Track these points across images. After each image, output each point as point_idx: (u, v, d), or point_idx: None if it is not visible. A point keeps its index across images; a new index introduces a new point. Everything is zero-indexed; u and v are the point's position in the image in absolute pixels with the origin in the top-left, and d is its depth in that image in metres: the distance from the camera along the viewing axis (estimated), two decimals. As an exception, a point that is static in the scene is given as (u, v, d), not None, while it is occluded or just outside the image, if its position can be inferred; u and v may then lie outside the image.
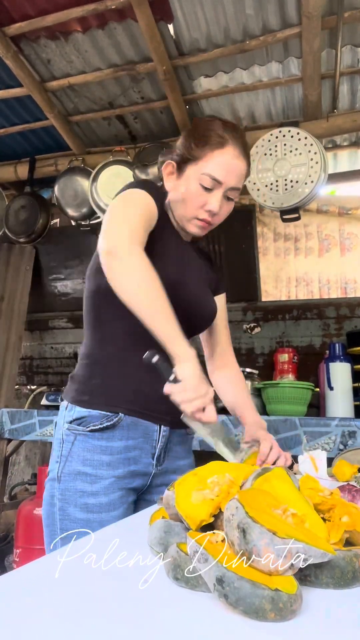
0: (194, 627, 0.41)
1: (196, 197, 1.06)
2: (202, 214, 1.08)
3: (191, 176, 1.07)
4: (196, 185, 1.06)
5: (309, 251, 3.67)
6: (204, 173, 1.05)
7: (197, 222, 1.09)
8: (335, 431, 1.75)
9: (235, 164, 1.07)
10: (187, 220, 1.10)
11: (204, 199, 1.06)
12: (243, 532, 0.46)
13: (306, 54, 2.06)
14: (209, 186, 1.05)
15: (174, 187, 1.11)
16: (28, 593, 0.47)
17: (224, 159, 1.05)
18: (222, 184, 1.06)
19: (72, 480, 0.98)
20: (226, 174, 1.06)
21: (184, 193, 1.08)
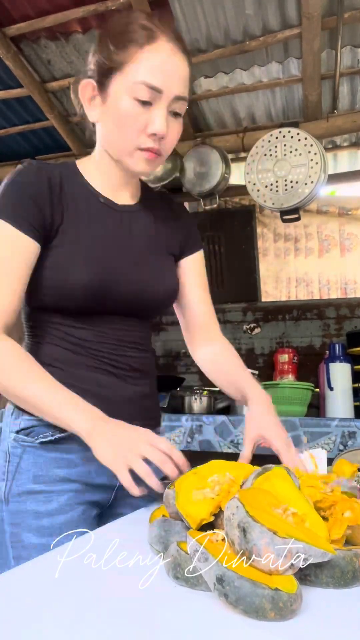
0: (194, 626, 0.41)
1: (132, 118, 0.79)
2: (145, 140, 0.81)
3: (119, 91, 0.79)
4: (129, 100, 0.79)
5: (309, 252, 3.67)
6: (137, 81, 0.78)
7: (142, 153, 0.82)
8: (335, 431, 1.75)
9: (174, 62, 0.79)
10: (128, 154, 0.83)
11: (144, 118, 0.80)
12: (243, 532, 0.46)
13: (306, 55, 2.06)
14: (146, 98, 0.78)
15: (101, 113, 0.84)
16: (28, 593, 0.47)
17: (158, 57, 0.78)
18: (163, 93, 0.79)
19: (23, 502, 0.82)
20: (165, 77, 0.78)
21: (116, 117, 0.81)
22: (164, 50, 0.79)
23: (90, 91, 0.84)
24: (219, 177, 2.44)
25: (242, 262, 2.78)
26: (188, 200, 3.01)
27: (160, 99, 0.80)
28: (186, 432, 1.89)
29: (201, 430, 1.90)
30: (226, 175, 2.48)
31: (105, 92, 0.82)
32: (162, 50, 0.79)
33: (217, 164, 2.44)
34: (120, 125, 0.81)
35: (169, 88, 0.79)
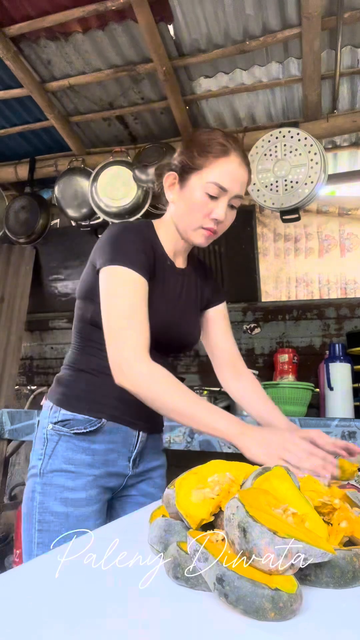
0: (193, 626, 0.41)
1: (202, 205, 1.07)
2: (208, 222, 1.08)
3: (196, 185, 1.07)
4: (202, 193, 1.06)
5: (309, 252, 3.67)
6: (210, 181, 1.05)
7: (203, 231, 1.10)
8: (335, 431, 1.75)
9: (239, 171, 1.08)
10: (193, 230, 1.10)
11: (210, 207, 1.07)
12: (243, 532, 0.46)
13: (306, 55, 2.07)
14: (215, 194, 1.06)
15: (178, 198, 1.11)
16: (28, 593, 0.47)
17: (228, 167, 1.06)
18: (228, 192, 1.06)
19: (54, 476, 1.04)
20: (231, 181, 1.06)
21: (190, 203, 1.08)
22: (233, 162, 1.07)
23: (172, 180, 1.12)
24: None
25: (242, 262, 2.78)
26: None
27: (225, 195, 1.07)
28: (186, 432, 1.89)
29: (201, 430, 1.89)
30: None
31: (184, 183, 1.09)
32: (232, 162, 1.07)
33: (217, 164, 2.44)
34: (192, 209, 1.08)
35: (232, 189, 1.07)
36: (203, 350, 2.69)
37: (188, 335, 1.20)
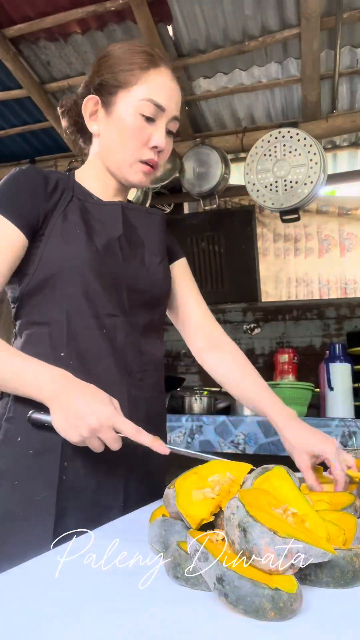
0: (193, 626, 0.41)
1: (138, 131, 0.87)
2: (147, 153, 0.89)
3: (125, 107, 0.87)
4: (135, 115, 0.87)
5: (309, 252, 3.67)
6: (144, 98, 0.86)
7: (141, 166, 0.89)
8: (335, 431, 1.75)
9: (173, 86, 0.90)
10: (129, 165, 0.90)
11: (148, 132, 0.88)
12: (244, 531, 0.46)
13: (305, 55, 2.07)
14: (151, 114, 0.87)
15: (105, 127, 0.90)
16: (28, 593, 0.47)
17: (162, 80, 0.88)
18: (165, 111, 0.88)
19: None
20: (167, 97, 0.88)
21: (121, 129, 0.88)
22: (166, 74, 0.89)
23: (93, 106, 0.91)
24: (218, 178, 2.44)
25: (242, 262, 2.78)
26: (188, 201, 3.02)
27: (162, 116, 0.89)
28: (186, 432, 1.89)
29: (201, 431, 1.90)
30: (226, 175, 2.49)
31: (110, 108, 0.89)
32: (165, 74, 0.89)
33: (217, 164, 2.44)
34: (125, 137, 0.88)
35: (169, 107, 0.89)
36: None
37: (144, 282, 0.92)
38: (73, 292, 0.84)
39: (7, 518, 0.78)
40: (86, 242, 0.85)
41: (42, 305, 0.86)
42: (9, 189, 0.86)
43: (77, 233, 0.85)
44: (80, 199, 0.90)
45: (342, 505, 0.68)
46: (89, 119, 0.92)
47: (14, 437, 0.81)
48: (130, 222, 0.94)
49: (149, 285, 0.93)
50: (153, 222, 0.98)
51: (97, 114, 0.91)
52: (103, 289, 0.86)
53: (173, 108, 0.90)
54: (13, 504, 0.79)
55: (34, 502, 0.78)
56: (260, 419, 1.91)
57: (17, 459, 0.80)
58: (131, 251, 0.92)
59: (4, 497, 0.79)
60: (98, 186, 0.95)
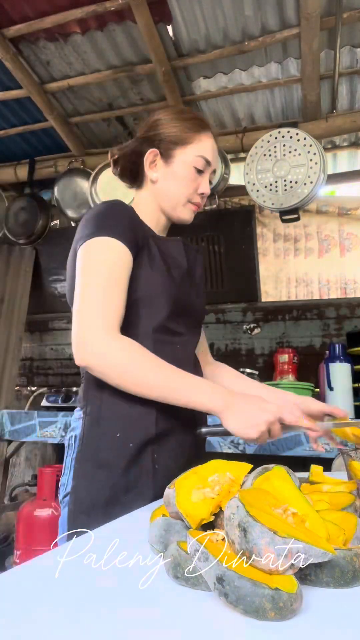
0: (193, 625, 0.41)
1: (192, 180, 1.07)
2: (196, 197, 1.09)
3: (183, 160, 1.06)
4: (190, 168, 1.06)
5: (309, 252, 3.67)
6: (198, 155, 1.06)
7: (191, 206, 1.10)
8: (335, 431, 1.75)
9: (216, 147, 1.11)
10: (182, 205, 1.09)
11: (197, 182, 1.08)
12: (244, 531, 0.46)
13: (305, 55, 2.07)
14: (202, 168, 1.07)
15: (163, 175, 1.08)
16: (28, 593, 0.47)
17: (210, 141, 1.09)
18: (211, 166, 1.09)
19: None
20: (213, 155, 1.09)
21: (178, 178, 1.07)
22: (212, 137, 1.10)
23: (153, 157, 1.08)
24: (218, 178, 2.45)
25: (242, 262, 2.78)
26: (187, 201, 3.01)
27: (208, 169, 1.09)
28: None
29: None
30: (225, 175, 2.49)
31: (169, 159, 1.07)
32: (211, 137, 1.10)
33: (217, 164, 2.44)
34: (181, 185, 1.07)
35: (214, 163, 1.10)
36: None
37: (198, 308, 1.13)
38: (157, 313, 0.99)
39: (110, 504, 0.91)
40: (167, 272, 1.01)
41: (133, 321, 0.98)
42: (112, 215, 0.99)
43: (160, 264, 1.01)
44: (151, 235, 1.06)
45: (342, 505, 0.68)
46: (149, 168, 1.09)
47: (114, 433, 0.94)
48: (188, 256, 1.11)
49: (200, 310, 1.14)
50: (199, 258, 1.18)
51: (156, 164, 1.08)
52: (177, 312, 1.02)
53: (215, 164, 1.11)
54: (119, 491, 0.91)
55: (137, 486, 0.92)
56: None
57: (119, 451, 0.93)
58: (191, 282, 1.10)
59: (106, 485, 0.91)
60: (151, 222, 1.10)
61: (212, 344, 2.69)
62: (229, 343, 2.66)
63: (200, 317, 1.16)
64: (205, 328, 1.26)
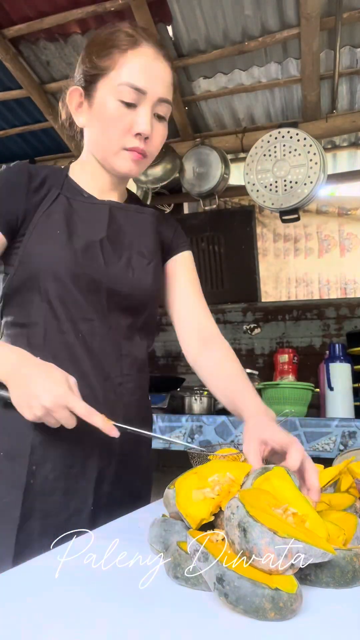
0: (193, 626, 0.41)
1: (117, 119, 0.82)
2: (131, 140, 0.83)
3: (105, 95, 0.83)
4: (114, 102, 0.82)
5: (309, 252, 3.67)
6: (121, 83, 0.81)
7: (127, 153, 0.84)
8: (335, 432, 1.75)
9: (157, 66, 0.84)
10: (114, 154, 0.85)
11: (129, 119, 0.82)
12: (244, 531, 0.46)
13: (305, 55, 2.07)
14: (130, 100, 0.81)
15: (89, 118, 0.87)
16: (28, 593, 0.47)
17: (141, 60, 0.82)
18: (147, 94, 0.82)
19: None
20: (148, 78, 0.82)
21: (102, 120, 0.83)
22: (146, 54, 0.83)
23: (77, 98, 0.87)
24: (218, 178, 2.44)
25: (242, 262, 2.78)
26: (187, 201, 3.02)
27: (144, 100, 0.82)
28: (186, 432, 1.89)
29: (201, 431, 1.90)
30: (225, 175, 2.49)
31: (92, 97, 0.85)
32: (145, 54, 0.83)
33: (217, 165, 2.44)
34: (106, 126, 0.84)
35: (152, 89, 0.82)
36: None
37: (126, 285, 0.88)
38: (50, 294, 0.82)
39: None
40: (65, 243, 0.82)
41: (22, 306, 0.84)
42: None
43: (56, 234, 0.83)
44: (67, 196, 0.87)
45: (342, 507, 0.68)
46: (75, 112, 0.88)
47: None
48: (118, 222, 0.90)
49: (131, 289, 0.89)
50: (143, 221, 0.95)
51: (82, 106, 0.87)
52: (80, 292, 0.83)
53: (158, 90, 0.83)
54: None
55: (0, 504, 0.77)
56: (260, 419, 1.91)
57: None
58: (115, 254, 0.88)
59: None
60: (92, 182, 0.91)
61: (212, 344, 2.68)
62: (229, 343, 2.66)
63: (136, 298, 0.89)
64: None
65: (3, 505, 0.77)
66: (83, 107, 0.87)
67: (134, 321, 0.91)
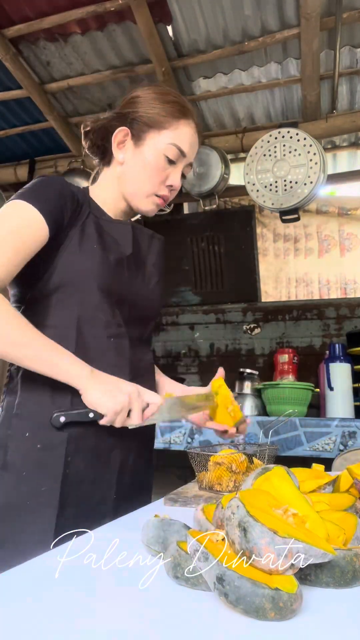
0: (194, 626, 0.41)
1: (160, 170, 0.96)
2: (163, 189, 0.98)
3: (154, 145, 0.96)
4: (160, 156, 0.96)
5: (309, 252, 3.67)
6: (171, 143, 0.96)
7: (156, 199, 0.99)
8: (335, 432, 1.75)
9: (196, 138, 1.00)
10: (145, 196, 0.98)
11: (166, 172, 0.97)
12: (244, 531, 0.46)
13: (305, 55, 2.07)
14: (173, 158, 0.96)
15: (131, 158, 0.98)
16: (28, 593, 0.47)
17: (188, 130, 0.98)
18: (186, 158, 0.99)
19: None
20: (190, 146, 0.98)
21: (145, 165, 0.96)
22: (192, 126, 0.99)
23: (122, 136, 0.98)
24: (218, 178, 2.44)
25: (242, 262, 2.78)
26: (188, 201, 3.02)
27: (182, 161, 0.99)
28: (186, 432, 1.89)
29: (201, 431, 1.90)
30: (225, 175, 2.49)
31: (140, 142, 0.97)
32: (191, 126, 0.99)
33: (217, 165, 2.44)
34: (147, 172, 0.97)
35: (189, 155, 0.99)
36: (203, 351, 2.67)
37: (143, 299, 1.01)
38: (85, 300, 0.90)
39: (12, 509, 0.83)
40: (101, 257, 0.91)
41: (50, 310, 0.90)
42: (41, 186, 0.89)
43: (93, 248, 0.91)
44: (95, 215, 0.96)
45: (342, 507, 0.68)
46: (117, 147, 0.98)
47: (23, 432, 0.86)
48: (138, 241, 1.02)
49: (147, 302, 1.01)
50: (155, 244, 1.07)
51: (124, 144, 0.98)
52: (111, 301, 0.93)
53: (192, 156, 1.00)
54: (19, 495, 0.84)
55: (40, 493, 0.84)
56: (260, 419, 1.91)
57: (25, 453, 0.85)
58: (135, 269, 0.99)
59: (10, 489, 0.84)
60: (110, 205, 1.01)
61: (212, 344, 2.69)
62: (229, 343, 2.66)
63: (149, 311, 1.03)
64: (205, 328, 1.23)
65: (43, 493, 0.84)
66: (126, 146, 0.98)
67: (145, 331, 1.03)
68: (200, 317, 2.74)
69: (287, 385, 2.11)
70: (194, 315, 2.75)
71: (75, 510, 0.85)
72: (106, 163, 1.03)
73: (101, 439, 0.89)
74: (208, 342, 2.69)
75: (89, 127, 1.02)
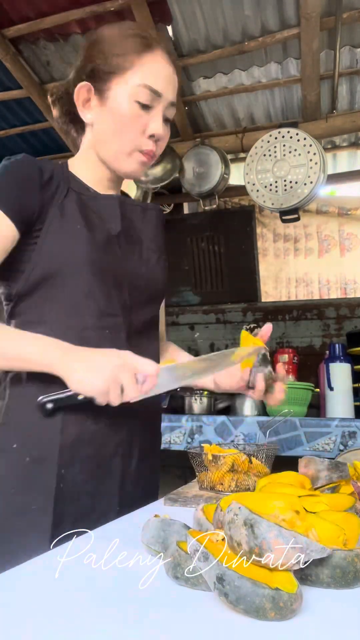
0: (194, 626, 0.41)
1: (133, 119, 0.82)
2: (145, 142, 0.84)
3: (120, 94, 0.82)
4: (130, 103, 0.82)
5: (309, 252, 3.67)
6: (139, 84, 0.81)
7: (139, 155, 0.85)
8: (335, 432, 1.75)
9: (170, 70, 0.85)
10: (127, 154, 0.85)
11: (143, 121, 0.83)
12: (251, 528, 0.46)
13: (305, 55, 2.07)
14: (147, 101, 0.82)
15: (98, 116, 0.85)
16: (28, 593, 0.47)
17: (158, 64, 0.83)
18: (162, 97, 0.84)
19: None
20: (164, 83, 0.84)
21: (117, 118, 0.83)
22: (161, 58, 0.84)
23: (85, 93, 0.85)
24: (218, 178, 2.44)
25: (242, 262, 2.78)
26: (187, 201, 3.01)
27: (159, 103, 0.84)
28: (186, 432, 1.89)
29: (201, 431, 1.90)
30: (225, 175, 2.49)
31: (104, 95, 0.84)
32: (160, 58, 0.84)
33: (217, 165, 2.44)
34: (121, 126, 0.83)
35: (166, 93, 0.85)
36: (203, 351, 2.67)
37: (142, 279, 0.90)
38: (73, 290, 0.81)
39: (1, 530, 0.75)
40: (87, 238, 0.81)
41: (39, 304, 0.82)
42: (1, 178, 0.80)
43: (77, 229, 0.81)
44: (76, 191, 0.86)
45: (342, 508, 0.68)
46: (82, 108, 0.86)
47: (10, 443, 0.78)
48: (128, 216, 0.90)
49: (149, 282, 0.91)
50: (150, 217, 0.95)
51: (90, 102, 0.86)
52: (104, 287, 0.83)
53: (170, 93, 0.85)
54: (7, 515, 0.75)
55: (30, 512, 0.75)
56: (260, 419, 1.91)
57: (13, 467, 0.77)
58: (129, 247, 0.89)
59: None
60: (92, 177, 0.89)
61: (212, 343, 2.69)
62: (229, 343, 2.66)
63: (151, 292, 0.92)
64: (206, 328, 1.22)
65: (33, 512, 0.75)
66: (92, 104, 0.86)
67: (151, 316, 0.93)
68: (200, 317, 2.74)
69: (287, 385, 2.11)
70: (194, 315, 2.75)
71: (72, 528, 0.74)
72: (80, 130, 0.92)
73: (100, 446, 0.80)
74: (208, 342, 2.69)
75: (54, 94, 0.92)
